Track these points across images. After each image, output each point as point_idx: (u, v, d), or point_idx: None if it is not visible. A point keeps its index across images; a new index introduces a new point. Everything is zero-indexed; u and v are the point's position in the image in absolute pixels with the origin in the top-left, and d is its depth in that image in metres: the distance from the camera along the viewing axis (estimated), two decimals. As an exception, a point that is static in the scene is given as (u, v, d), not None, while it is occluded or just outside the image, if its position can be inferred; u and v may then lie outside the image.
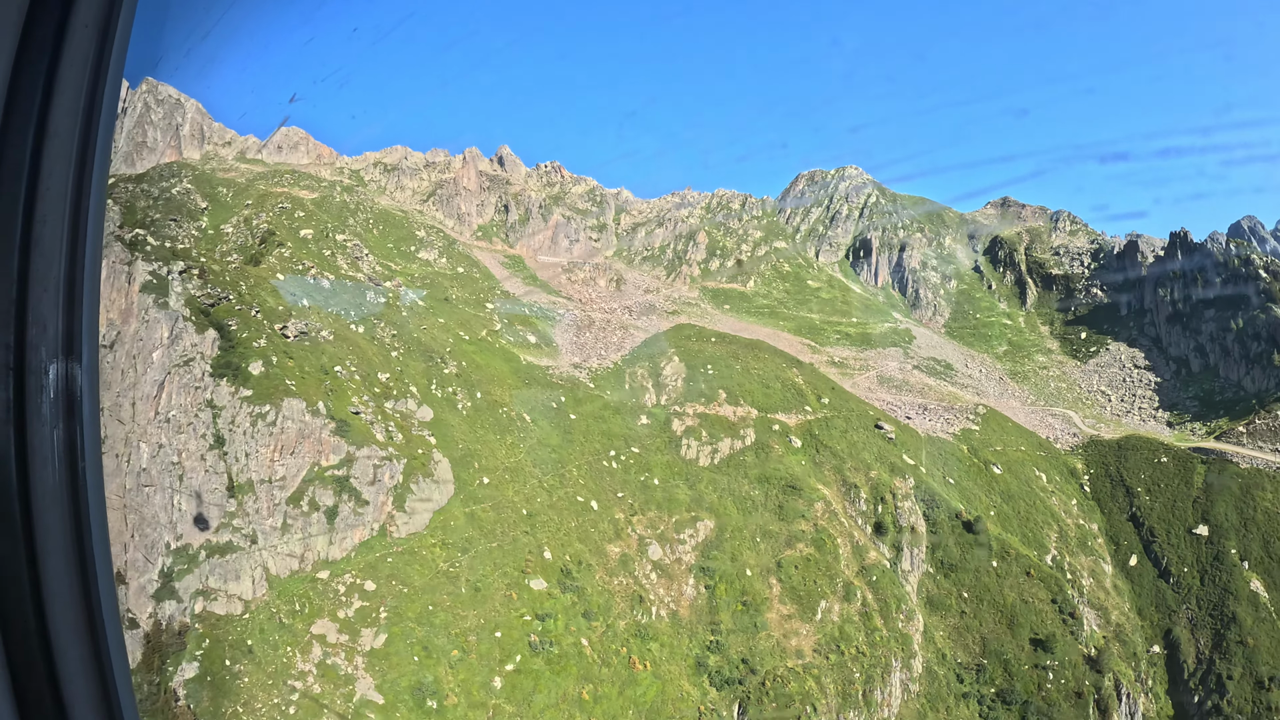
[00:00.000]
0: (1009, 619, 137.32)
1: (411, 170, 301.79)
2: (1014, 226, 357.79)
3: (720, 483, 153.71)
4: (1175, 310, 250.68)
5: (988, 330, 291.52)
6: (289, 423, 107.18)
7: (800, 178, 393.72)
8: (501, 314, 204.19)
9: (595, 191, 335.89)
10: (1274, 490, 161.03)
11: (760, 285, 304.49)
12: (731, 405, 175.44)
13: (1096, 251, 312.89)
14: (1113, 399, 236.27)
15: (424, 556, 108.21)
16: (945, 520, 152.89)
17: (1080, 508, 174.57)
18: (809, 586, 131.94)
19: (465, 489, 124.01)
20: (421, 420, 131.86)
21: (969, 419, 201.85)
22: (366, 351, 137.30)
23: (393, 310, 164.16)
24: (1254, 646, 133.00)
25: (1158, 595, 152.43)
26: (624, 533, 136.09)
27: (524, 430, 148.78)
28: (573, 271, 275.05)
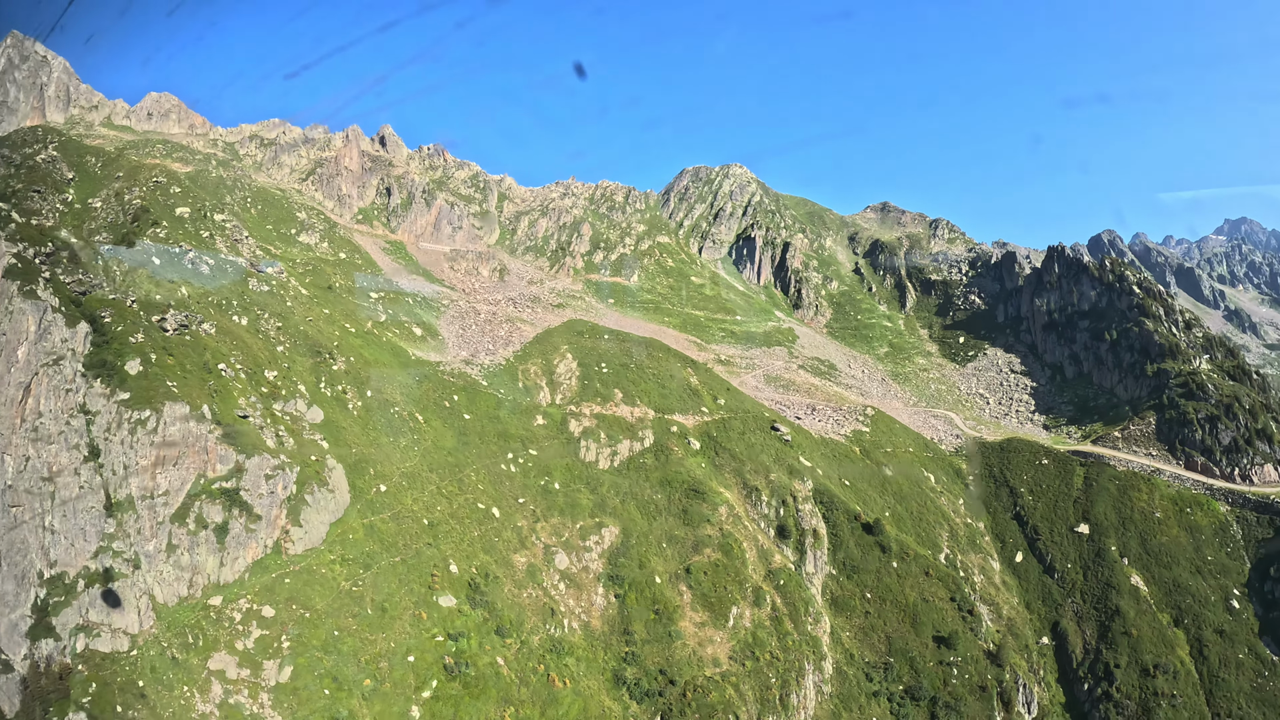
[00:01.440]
0: (911, 618, 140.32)
1: (290, 146, 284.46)
2: (894, 231, 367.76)
3: (622, 487, 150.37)
4: (1051, 319, 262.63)
5: (869, 332, 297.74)
6: (171, 429, 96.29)
7: (685, 173, 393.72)
8: (386, 304, 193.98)
9: (478, 177, 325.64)
10: (1148, 491, 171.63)
11: (644, 280, 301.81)
12: (628, 405, 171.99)
13: (974, 260, 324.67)
14: (991, 402, 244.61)
15: (324, 575, 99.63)
16: (844, 522, 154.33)
17: (967, 507, 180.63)
18: (719, 593, 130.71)
19: (362, 498, 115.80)
20: (312, 422, 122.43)
21: (859, 420, 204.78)
22: (251, 346, 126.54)
23: (276, 299, 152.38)
24: (1137, 637, 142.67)
25: (1044, 590, 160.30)
26: (529, 541, 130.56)
27: (417, 431, 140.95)
28: (456, 260, 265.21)
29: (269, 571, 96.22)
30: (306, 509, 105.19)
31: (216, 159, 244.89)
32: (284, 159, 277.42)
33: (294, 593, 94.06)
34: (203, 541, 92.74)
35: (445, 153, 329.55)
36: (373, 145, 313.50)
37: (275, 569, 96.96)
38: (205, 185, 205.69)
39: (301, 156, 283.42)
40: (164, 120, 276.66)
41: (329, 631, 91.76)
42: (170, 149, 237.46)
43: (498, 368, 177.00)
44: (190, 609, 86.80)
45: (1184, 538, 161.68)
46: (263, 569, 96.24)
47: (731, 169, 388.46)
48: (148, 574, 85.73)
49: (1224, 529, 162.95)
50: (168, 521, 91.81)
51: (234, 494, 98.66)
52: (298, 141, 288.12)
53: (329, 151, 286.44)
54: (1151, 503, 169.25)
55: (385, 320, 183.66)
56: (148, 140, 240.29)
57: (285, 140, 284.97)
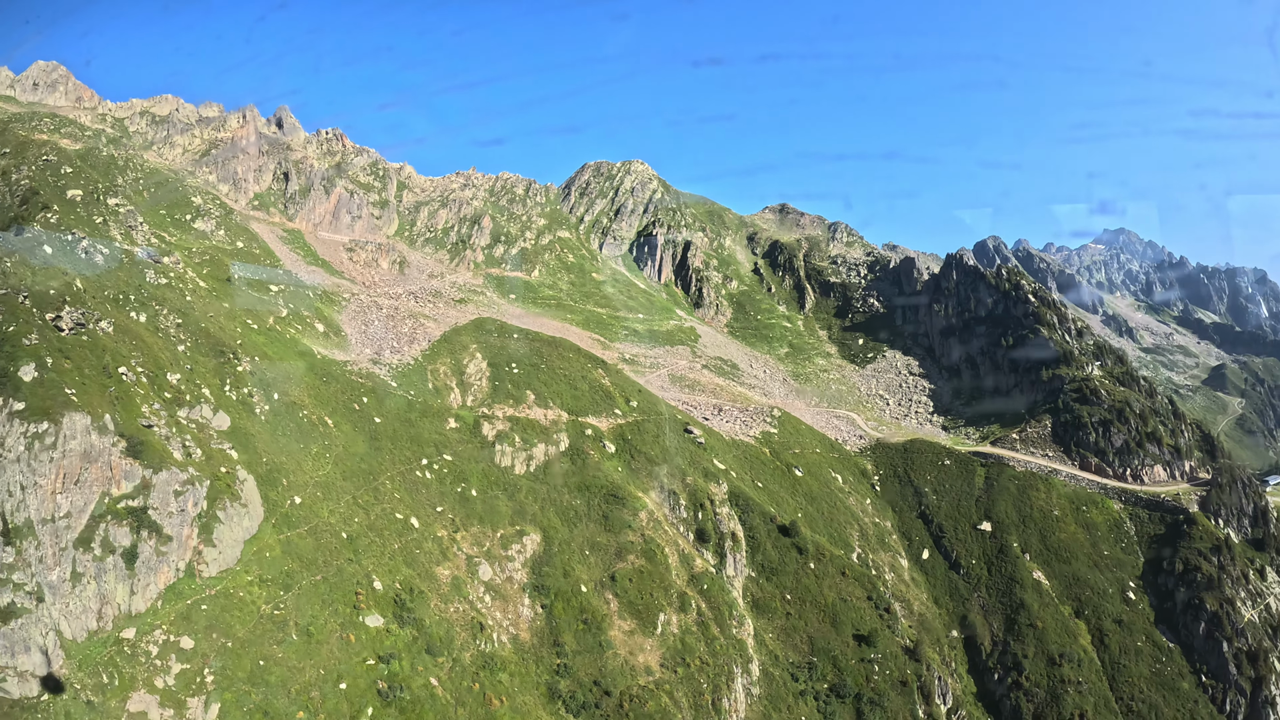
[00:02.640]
0: (831, 617, 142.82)
1: (183, 125, 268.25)
2: (793, 233, 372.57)
3: (540, 492, 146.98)
4: (949, 324, 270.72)
5: (769, 332, 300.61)
6: (72, 444, 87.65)
7: (586, 167, 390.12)
8: (287, 298, 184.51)
9: (378, 165, 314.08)
10: (1047, 490, 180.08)
11: (545, 275, 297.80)
12: (541, 407, 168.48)
13: (873, 264, 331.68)
14: (891, 403, 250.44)
15: (243, 599, 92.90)
16: (761, 525, 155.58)
17: (874, 506, 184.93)
18: (646, 599, 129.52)
19: (276, 511, 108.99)
20: (219, 430, 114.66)
21: (766, 422, 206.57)
22: (152, 346, 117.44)
23: (175, 293, 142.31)
24: (1043, 628, 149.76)
25: (951, 586, 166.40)
26: (450, 552, 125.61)
27: (328, 437, 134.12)
28: (355, 251, 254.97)
29: (184, 597, 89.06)
30: (219, 526, 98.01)
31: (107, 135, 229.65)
32: (177, 138, 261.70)
33: (213, 620, 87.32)
34: (110, 568, 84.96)
35: (344, 138, 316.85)
36: (269, 126, 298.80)
37: (190, 594, 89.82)
38: (96, 165, 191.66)
39: (195, 136, 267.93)
40: (51, 92, 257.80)
41: (254, 661, 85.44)
42: (59, 124, 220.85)
43: (406, 367, 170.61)
44: (102, 644, 79.13)
45: (1081, 534, 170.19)
46: (177, 595, 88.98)
47: (633, 165, 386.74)
48: (53, 607, 77.43)
49: (1118, 526, 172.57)
50: (71, 547, 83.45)
51: (142, 513, 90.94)
52: (191, 120, 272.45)
53: (224, 132, 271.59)
54: (1050, 501, 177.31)
55: (287, 315, 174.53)
56: (34, 113, 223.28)
57: (179, 118, 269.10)
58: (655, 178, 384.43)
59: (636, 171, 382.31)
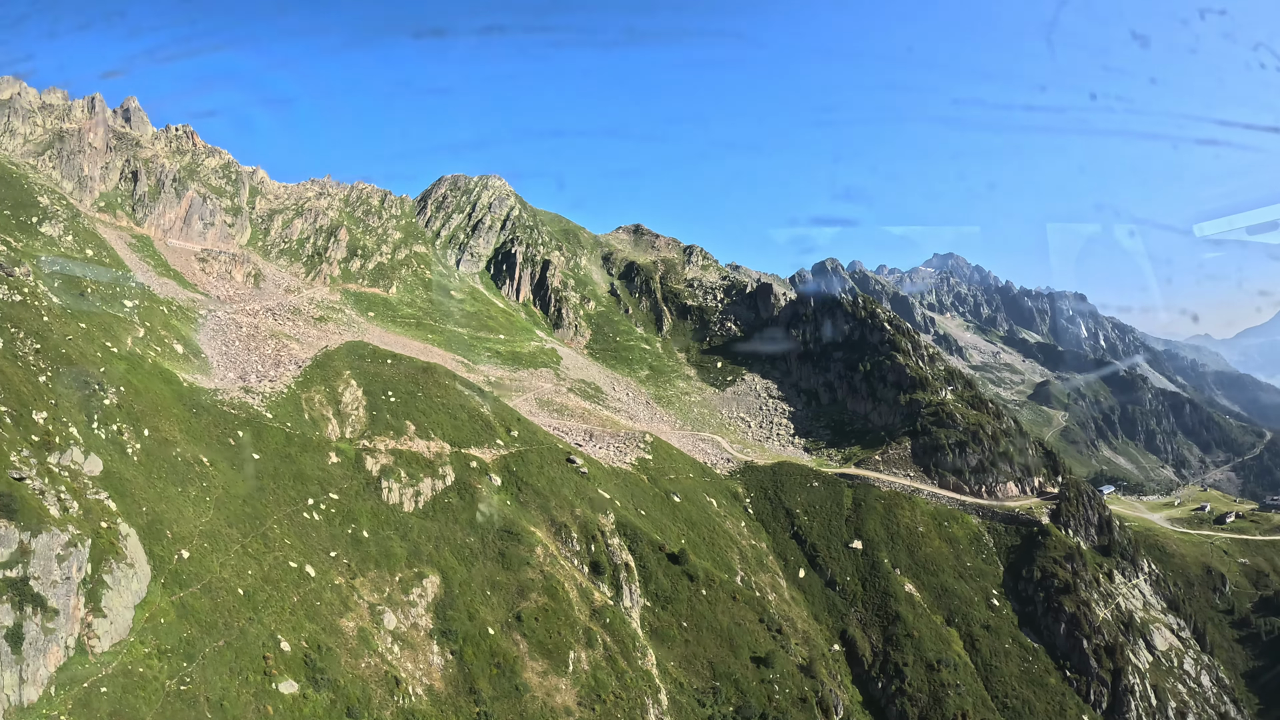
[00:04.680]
0: (729, 641, 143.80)
1: (25, 111, 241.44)
2: (649, 255, 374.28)
3: (432, 531, 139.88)
4: (806, 349, 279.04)
5: (628, 354, 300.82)
6: (-61, 505, 76.29)
7: (443, 180, 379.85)
8: (142, 316, 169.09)
9: (230, 167, 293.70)
10: (911, 508, 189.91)
11: (403, 292, 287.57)
12: (423, 439, 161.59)
13: (729, 288, 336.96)
14: (752, 425, 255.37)
15: (144, 675, 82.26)
16: (650, 553, 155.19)
17: (749, 529, 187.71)
18: (555, 638, 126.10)
19: (163, 568, 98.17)
20: (92, 476, 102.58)
21: (640, 448, 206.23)
22: (12, 379, 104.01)
23: (31, 312, 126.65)
24: (919, 637, 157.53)
25: (829, 602, 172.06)
26: (351, 601, 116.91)
27: (205, 477, 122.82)
28: (208, 261, 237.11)
29: (79, 680, 77.82)
30: (108, 593, 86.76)
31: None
32: (18, 126, 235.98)
33: (116, 705, 76.81)
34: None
35: (195, 136, 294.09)
36: (115, 119, 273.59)
37: (85, 675, 78.73)
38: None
39: (37, 125, 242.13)
40: None
41: (168, 751, 76.47)
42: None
43: (280, 396, 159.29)
44: (-6, 747, 68.87)
45: (945, 548, 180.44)
46: (70, 678, 77.66)
47: (490, 180, 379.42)
48: (-66, 707, 66.95)
49: (978, 538, 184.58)
50: (-55, 630, 72.38)
51: (23, 585, 79.08)
52: (34, 107, 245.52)
53: (69, 123, 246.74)
54: (915, 518, 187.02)
55: (144, 336, 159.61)
56: None
57: (21, 104, 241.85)
58: (513, 194, 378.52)
59: (494, 187, 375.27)
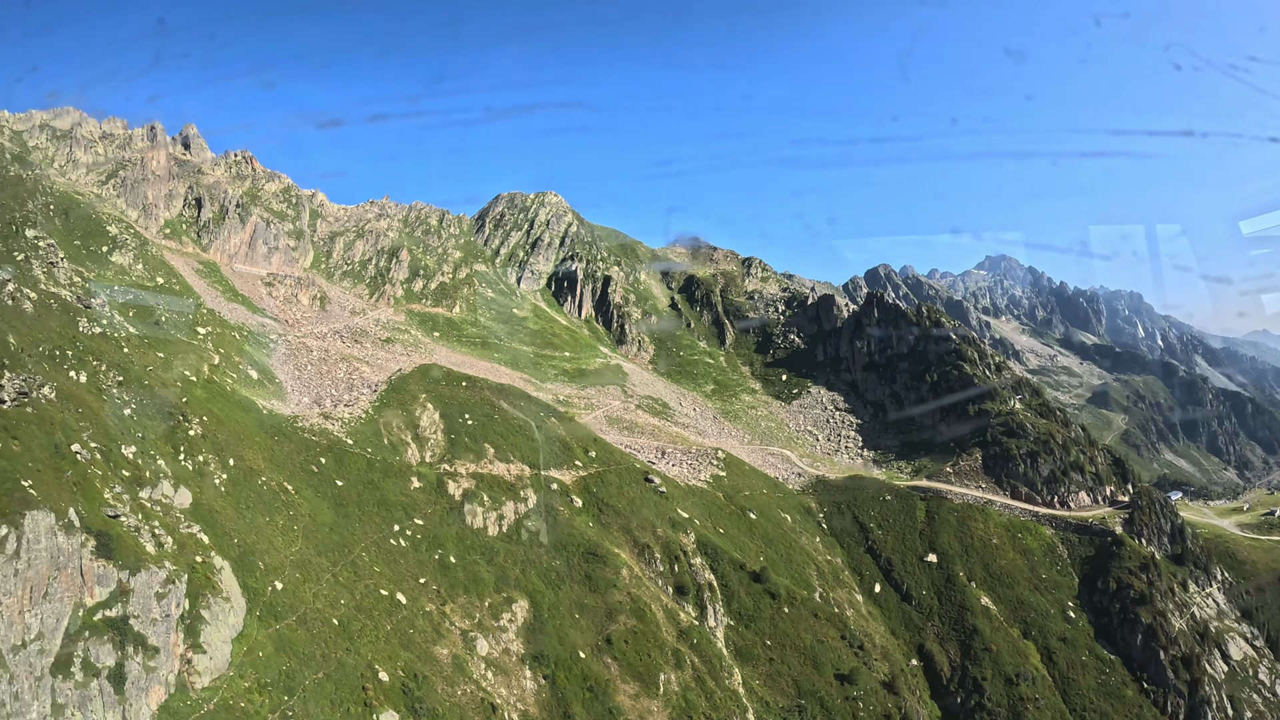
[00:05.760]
0: (812, 659, 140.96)
1: (86, 142, 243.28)
2: (707, 268, 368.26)
3: (518, 555, 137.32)
4: (871, 360, 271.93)
5: (693, 369, 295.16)
6: (37, 549, 71.89)
7: (500, 198, 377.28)
8: (216, 342, 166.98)
9: (290, 191, 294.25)
10: (984, 520, 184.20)
11: (466, 311, 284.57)
12: (503, 462, 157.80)
13: (790, 299, 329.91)
14: (820, 438, 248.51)
15: (245, 710, 78.45)
16: (731, 572, 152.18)
17: (824, 544, 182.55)
18: (645, 660, 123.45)
19: (258, 601, 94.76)
20: (182, 508, 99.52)
21: (713, 464, 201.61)
22: (99, 413, 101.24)
23: (111, 344, 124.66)
24: (997, 651, 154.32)
25: (905, 617, 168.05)
26: (443, 628, 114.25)
27: (291, 506, 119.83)
28: (274, 285, 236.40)
29: (180, 718, 74.30)
30: (206, 628, 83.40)
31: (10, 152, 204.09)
32: (80, 156, 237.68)
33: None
34: (96, 694, 69.96)
35: (254, 161, 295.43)
36: (175, 146, 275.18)
37: (187, 712, 75.02)
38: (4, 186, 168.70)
39: (99, 154, 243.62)
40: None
41: (278, 795, 72.09)
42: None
43: (358, 422, 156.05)
44: (102, 797, 64.70)
45: (1019, 560, 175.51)
46: (172, 715, 74.07)
47: (546, 197, 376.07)
48: (39, 757, 62.91)
49: (1052, 550, 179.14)
50: (48, 675, 68.28)
51: (123, 624, 75.86)
52: (94, 136, 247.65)
53: (130, 151, 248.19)
54: (988, 530, 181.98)
55: (220, 363, 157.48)
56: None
57: (82, 134, 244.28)
58: (569, 210, 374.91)
59: (550, 203, 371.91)
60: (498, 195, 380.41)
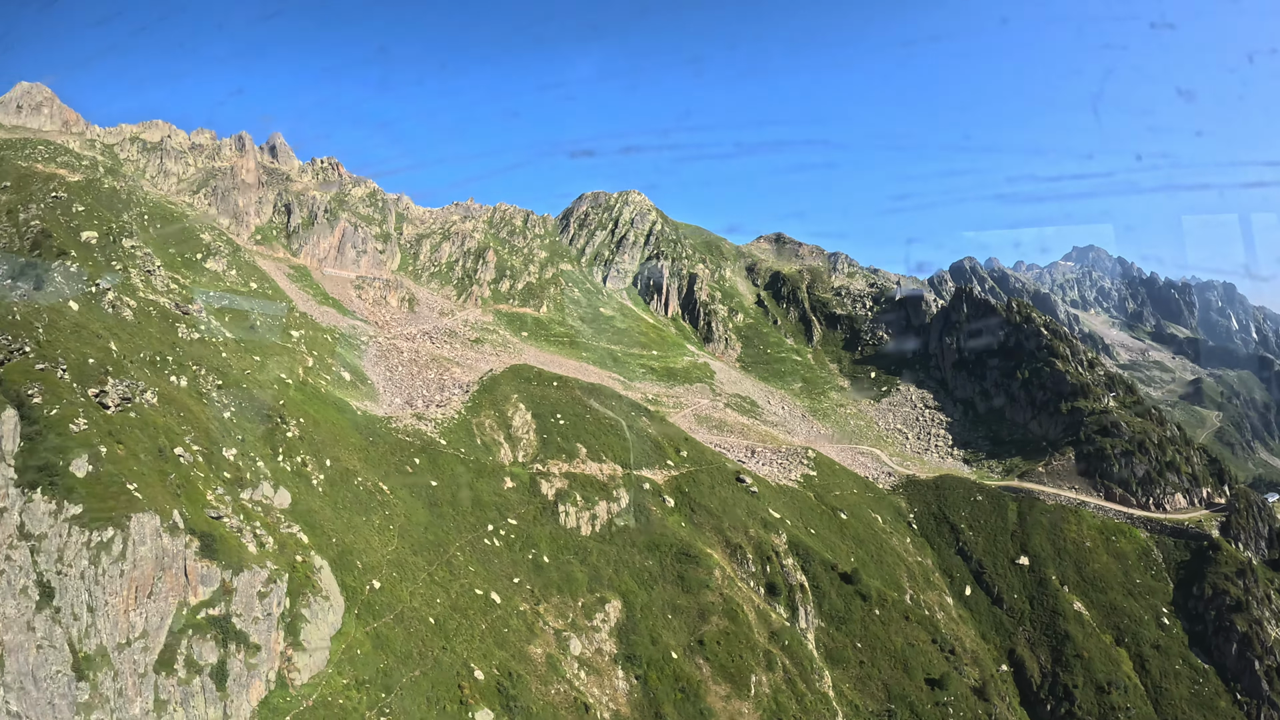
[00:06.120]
0: (902, 663, 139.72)
1: (176, 152, 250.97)
2: (793, 264, 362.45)
3: (611, 554, 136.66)
4: (961, 357, 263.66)
5: (780, 366, 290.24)
6: (142, 550, 71.93)
7: (584, 198, 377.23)
8: (309, 345, 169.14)
9: (376, 195, 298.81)
10: (1077, 522, 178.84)
11: (553, 311, 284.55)
12: (595, 461, 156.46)
13: (877, 295, 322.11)
14: (910, 437, 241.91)
15: (344, 708, 78.38)
16: (823, 573, 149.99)
17: (914, 545, 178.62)
18: (737, 662, 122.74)
19: (356, 599, 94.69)
20: (281, 509, 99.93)
21: (803, 464, 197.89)
22: (200, 417, 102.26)
23: (210, 349, 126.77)
24: (1088, 658, 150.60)
25: (996, 621, 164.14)
26: (537, 628, 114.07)
27: (387, 505, 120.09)
28: (364, 288, 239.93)
29: (280, 713, 74.44)
30: (306, 626, 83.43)
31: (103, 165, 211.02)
32: (170, 166, 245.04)
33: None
34: (198, 690, 70.14)
35: (340, 167, 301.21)
36: (263, 154, 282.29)
37: (286, 709, 75.25)
38: (100, 199, 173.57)
39: (189, 164, 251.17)
40: (35, 114, 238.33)
41: (376, 789, 71.53)
42: (53, 152, 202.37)
43: (451, 422, 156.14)
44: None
45: (1113, 564, 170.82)
46: (272, 711, 74.30)
47: (630, 196, 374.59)
48: (142, 752, 63.00)
49: (1146, 554, 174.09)
50: (151, 672, 68.63)
51: (225, 623, 75.96)
52: (184, 148, 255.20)
53: (220, 161, 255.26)
54: (1081, 533, 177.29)
55: (314, 365, 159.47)
56: (25, 140, 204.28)
57: (171, 145, 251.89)
58: (653, 208, 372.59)
59: (634, 202, 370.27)
60: (581, 195, 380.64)
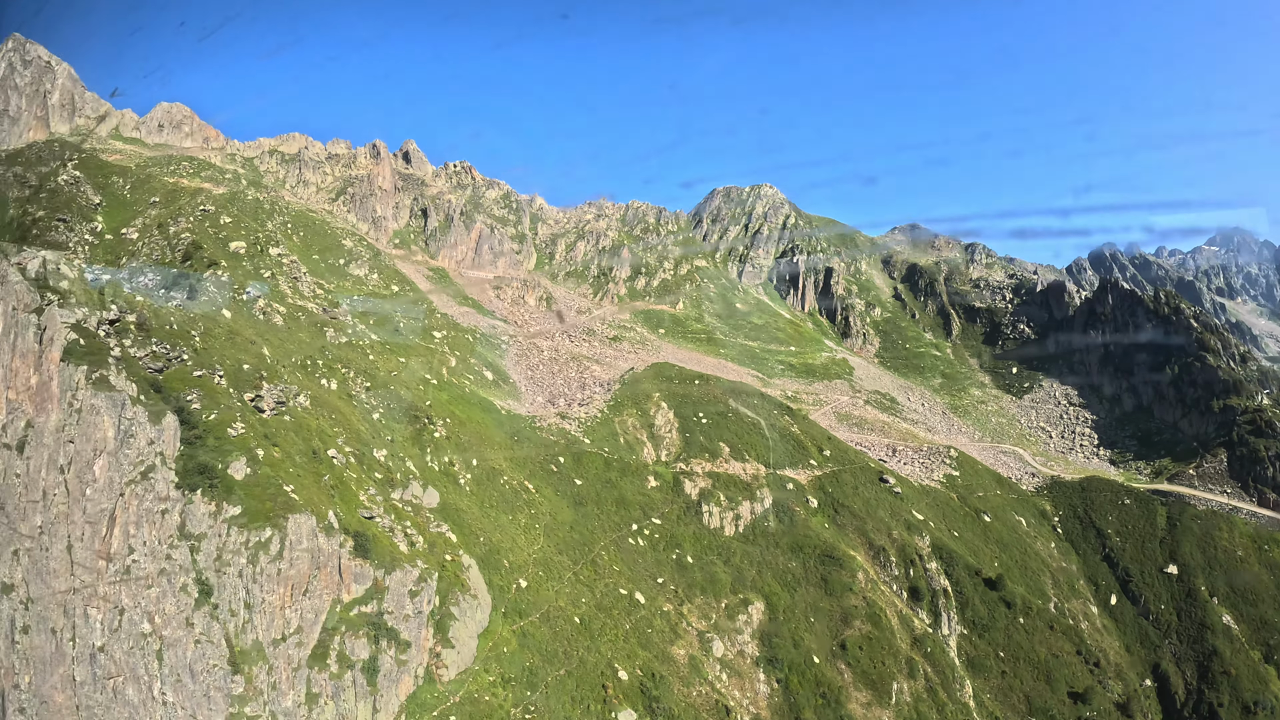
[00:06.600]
0: (1045, 674, 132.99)
1: (314, 163, 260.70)
2: (929, 255, 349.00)
3: (754, 555, 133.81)
4: (1106, 351, 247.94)
5: (919, 361, 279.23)
6: (299, 549, 72.71)
7: (716, 193, 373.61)
8: (451, 346, 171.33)
9: (509, 197, 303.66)
10: (1229, 529, 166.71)
11: (689, 307, 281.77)
12: (738, 461, 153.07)
13: (1017, 287, 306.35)
14: (1054, 436, 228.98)
15: (489, 704, 78.42)
16: (966, 578, 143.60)
17: (1058, 550, 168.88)
18: (878, 668, 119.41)
19: (503, 598, 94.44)
20: (430, 508, 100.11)
21: (946, 463, 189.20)
22: (350, 419, 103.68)
23: (357, 352, 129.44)
24: (1236, 675, 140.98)
25: (1141, 632, 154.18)
26: (680, 629, 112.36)
27: (532, 504, 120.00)
28: (502, 288, 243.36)
29: (427, 709, 74.85)
30: (455, 624, 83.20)
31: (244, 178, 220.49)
32: (309, 176, 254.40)
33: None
34: (349, 685, 70.50)
35: (473, 170, 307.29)
36: (397, 161, 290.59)
37: (433, 704, 75.67)
38: (245, 210, 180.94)
39: (327, 174, 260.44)
40: (176, 132, 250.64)
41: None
42: (197, 167, 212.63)
43: (594, 421, 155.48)
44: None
45: (1265, 575, 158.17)
46: (419, 706, 74.75)
47: (762, 189, 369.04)
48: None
49: None
50: (304, 666, 69.23)
51: (378, 620, 76.16)
52: (320, 158, 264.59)
53: (356, 169, 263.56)
54: (1233, 541, 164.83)
55: (456, 365, 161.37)
56: (169, 157, 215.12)
57: (308, 156, 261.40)
58: (786, 202, 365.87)
59: (767, 195, 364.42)
60: (713, 190, 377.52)
